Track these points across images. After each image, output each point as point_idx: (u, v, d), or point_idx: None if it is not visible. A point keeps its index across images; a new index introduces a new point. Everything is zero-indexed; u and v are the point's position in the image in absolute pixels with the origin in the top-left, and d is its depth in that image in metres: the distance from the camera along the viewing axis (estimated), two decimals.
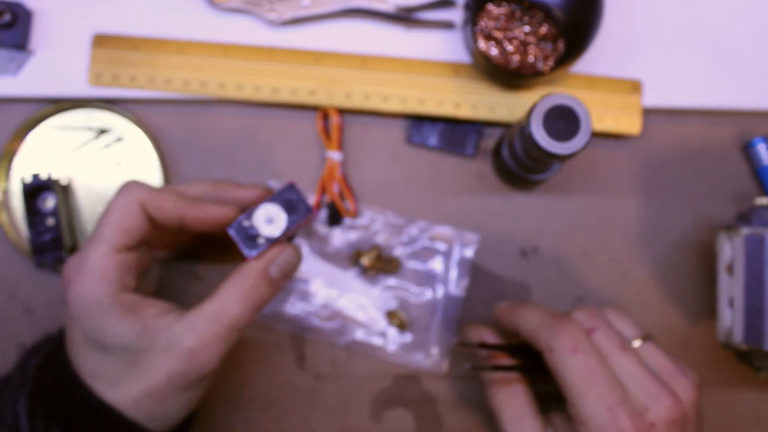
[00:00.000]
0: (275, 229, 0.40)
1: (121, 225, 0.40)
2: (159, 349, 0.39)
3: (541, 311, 0.45)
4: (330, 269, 0.54)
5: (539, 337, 0.43)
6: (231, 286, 0.40)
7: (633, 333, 0.44)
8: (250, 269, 0.40)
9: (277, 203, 0.41)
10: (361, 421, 0.53)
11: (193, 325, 0.39)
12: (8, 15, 0.52)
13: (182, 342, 0.39)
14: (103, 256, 0.40)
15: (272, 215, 0.40)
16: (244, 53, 0.53)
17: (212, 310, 0.39)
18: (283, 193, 0.41)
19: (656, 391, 0.40)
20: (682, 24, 0.54)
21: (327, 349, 0.53)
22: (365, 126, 0.55)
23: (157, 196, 0.41)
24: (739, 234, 0.47)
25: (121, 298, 0.39)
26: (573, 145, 0.44)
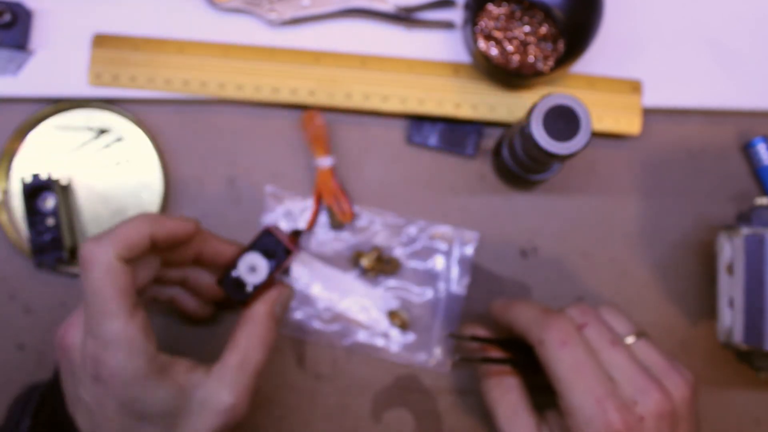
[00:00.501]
0: (258, 276, 0.43)
1: (123, 286, 0.39)
2: (196, 408, 0.40)
3: (533, 307, 0.45)
4: (330, 272, 0.54)
5: (530, 331, 0.43)
6: (247, 333, 0.42)
7: (626, 329, 0.44)
8: (260, 313, 0.43)
9: (256, 251, 0.43)
10: (361, 421, 0.53)
11: (225, 380, 0.40)
12: (8, 15, 0.52)
13: (219, 399, 0.40)
14: (125, 326, 0.38)
15: (254, 263, 0.43)
16: (244, 53, 0.53)
17: (237, 360, 0.41)
18: (262, 241, 0.44)
19: (645, 385, 0.40)
20: (682, 24, 0.54)
21: (327, 349, 0.53)
22: (365, 126, 0.55)
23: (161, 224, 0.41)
24: (739, 234, 0.47)
25: (154, 363, 0.39)
26: (573, 145, 0.44)
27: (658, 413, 0.40)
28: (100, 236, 0.39)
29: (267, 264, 0.43)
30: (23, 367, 0.53)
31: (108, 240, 0.39)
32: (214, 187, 0.54)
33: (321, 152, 0.52)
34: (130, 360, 0.38)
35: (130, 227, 0.40)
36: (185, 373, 0.40)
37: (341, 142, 0.54)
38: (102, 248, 0.38)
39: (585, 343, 0.41)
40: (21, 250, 0.53)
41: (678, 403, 0.41)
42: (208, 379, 0.40)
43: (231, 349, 0.41)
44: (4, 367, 0.53)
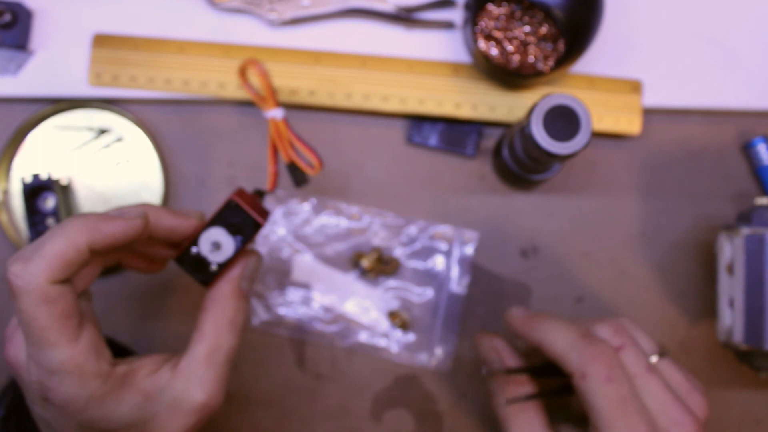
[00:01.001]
0: (223, 254, 0.39)
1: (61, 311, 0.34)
2: (166, 410, 0.37)
3: (568, 329, 0.41)
4: (330, 273, 0.54)
5: (569, 360, 0.40)
6: (214, 318, 0.38)
7: (651, 348, 0.43)
8: (225, 294, 0.39)
9: (220, 226, 0.39)
10: (361, 421, 0.53)
11: (194, 375, 0.37)
12: (8, 15, 0.52)
13: (190, 397, 0.37)
14: (69, 354, 0.35)
15: (218, 240, 0.39)
16: (244, 53, 0.53)
17: (205, 351, 0.38)
18: (226, 215, 0.39)
19: (680, 416, 0.40)
20: (682, 24, 0.54)
21: (327, 349, 0.53)
22: (365, 126, 0.55)
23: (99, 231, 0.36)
24: (739, 234, 0.47)
25: (110, 380, 0.36)
26: (573, 145, 0.44)
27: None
28: (27, 255, 0.34)
29: (233, 240, 0.38)
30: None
31: (38, 261, 0.34)
32: (214, 187, 0.54)
33: (270, 102, 0.44)
34: (81, 387, 0.35)
35: (63, 241, 0.34)
36: (149, 376, 0.37)
37: (341, 142, 0.54)
38: (31, 272, 0.33)
39: (627, 376, 0.40)
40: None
41: (702, 424, 0.41)
42: (176, 378, 0.37)
43: (197, 340, 0.38)
44: (4, 367, 0.53)
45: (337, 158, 0.54)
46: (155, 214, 0.38)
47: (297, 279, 0.53)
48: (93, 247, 0.35)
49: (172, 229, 0.39)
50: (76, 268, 0.35)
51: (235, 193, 0.39)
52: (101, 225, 0.35)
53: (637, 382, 0.40)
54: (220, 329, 0.38)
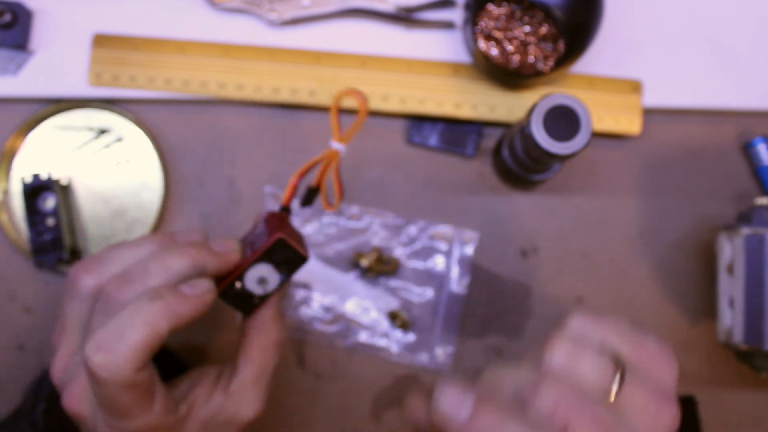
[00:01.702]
0: (268, 286, 0.39)
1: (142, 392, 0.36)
2: (218, 429, 0.39)
3: None
4: (331, 273, 0.54)
5: None
6: (259, 343, 0.40)
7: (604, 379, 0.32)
8: (268, 319, 0.40)
9: (267, 263, 0.38)
10: (362, 421, 0.53)
11: (244, 397, 0.40)
12: (8, 15, 0.52)
13: (241, 416, 0.40)
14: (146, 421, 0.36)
15: (264, 275, 0.39)
16: (244, 53, 0.53)
17: (254, 375, 0.40)
18: (273, 252, 0.38)
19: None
20: (682, 24, 0.54)
21: (327, 349, 0.53)
22: (365, 126, 0.55)
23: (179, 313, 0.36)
24: (739, 234, 0.47)
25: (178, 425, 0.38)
26: (573, 145, 0.44)
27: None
28: (109, 345, 0.34)
29: (278, 275, 0.39)
30: (23, 367, 0.53)
31: (123, 353, 0.34)
32: (214, 187, 0.54)
33: (347, 138, 0.44)
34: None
35: (146, 330, 0.34)
36: (205, 404, 0.39)
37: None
38: (117, 364, 0.34)
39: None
40: (21, 250, 0.53)
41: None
42: (228, 401, 0.39)
43: (245, 364, 0.40)
44: (4, 367, 0.53)
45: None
46: (201, 261, 0.38)
47: (297, 279, 0.53)
48: (172, 331, 0.35)
49: (217, 271, 0.39)
50: (157, 351, 0.35)
51: (276, 225, 0.39)
52: (179, 308, 0.36)
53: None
54: (266, 352, 0.40)
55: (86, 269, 0.38)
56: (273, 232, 0.38)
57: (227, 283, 0.39)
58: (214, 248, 0.39)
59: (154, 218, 0.53)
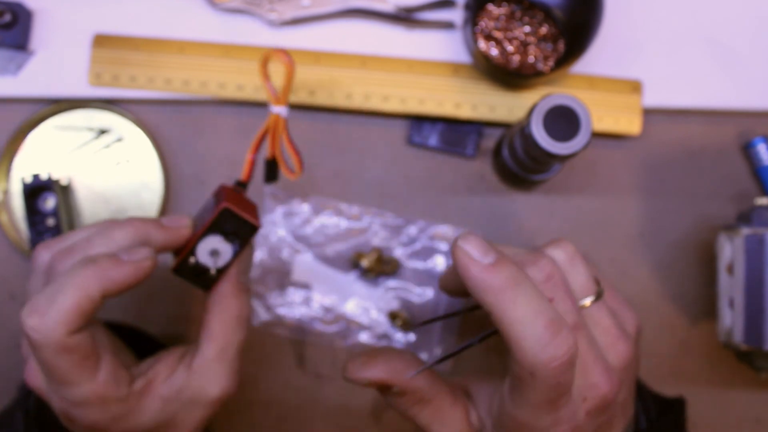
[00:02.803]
0: (222, 259, 0.39)
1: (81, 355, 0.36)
2: (184, 408, 0.39)
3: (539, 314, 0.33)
4: (330, 273, 0.54)
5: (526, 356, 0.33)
6: (220, 318, 0.39)
7: (585, 289, 0.37)
8: (227, 293, 0.39)
9: (216, 234, 0.38)
10: (361, 421, 0.53)
11: (208, 373, 0.39)
12: (8, 15, 0.52)
13: (206, 393, 0.39)
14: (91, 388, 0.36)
15: (215, 247, 0.39)
16: (244, 53, 0.53)
17: (216, 350, 0.39)
18: (221, 222, 0.38)
19: (597, 378, 0.35)
20: (682, 24, 0.54)
21: (327, 349, 0.53)
22: (365, 126, 0.55)
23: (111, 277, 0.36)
24: (739, 234, 0.47)
25: (131, 399, 0.38)
26: (573, 145, 0.44)
27: (604, 405, 0.36)
28: (42, 308, 0.35)
29: (231, 246, 0.39)
30: (23, 367, 0.53)
31: (54, 315, 0.34)
32: (214, 187, 0.54)
33: (283, 99, 0.43)
34: (103, 412, 0.37)
35: (77, 292, 0.35)
36: (165, 380, 0.39)
37: (341, 142, 0.54)
38: (48, 326, 0.34)
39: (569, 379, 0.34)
40: (21, 250, 0.53)
41: (619, 379, 0.37)
42: (191, 378, 0.39)
43: (207, 340, 0.39)
44: (3, 367, 0.53)
45: (337, 158, 0.54)
46: (147, 234, 0.38)
47: (297, 279, 0.53)
48: (105, 295, 0.36)
49: (164, 244, 0.39)
50: (91, 315, 0.36)
51: (224, 197, 0.39)
52: (112, 272, 0.36)
53: None
54: (227, 327, 0.39)
55: (45, 245, 0.39)
56: (219, 203, 0.38)
57: (181, 258, 0.39)
58: (163, 223, 0.39)
59: None
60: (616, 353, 0.37)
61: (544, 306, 0.33)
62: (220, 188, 0.40)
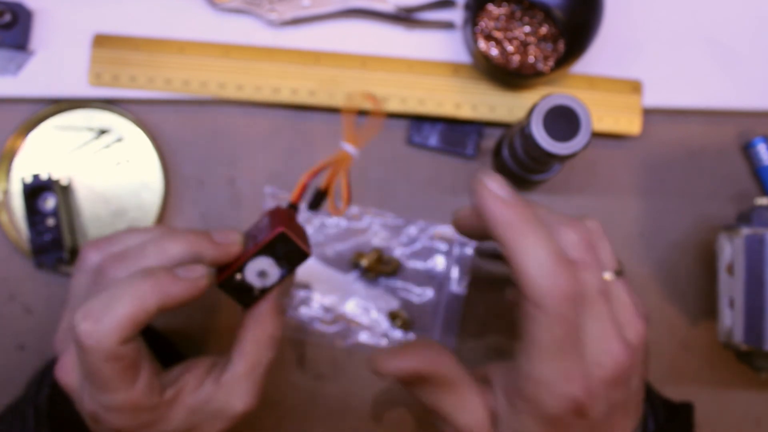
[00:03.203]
0: (268, 280, 0.39)
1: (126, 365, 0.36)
2: (208, 419, 0.39)
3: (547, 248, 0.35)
4: (331, 273, 0.54)
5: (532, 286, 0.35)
6: (255, 336, 0.40)
7: (610, 262, 0.38)
8: (266, 313, 0.40)
9: (268, 256, 0.38)
10: (362, 422, 0.53)
11: (236, 389, 0.39)
12: (8, 15, 0.52)
13: (231, 408, 0.39)
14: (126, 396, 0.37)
15: (264, 268, 0.39)
16: (244, 53, 0.53)
17: (247, 368, 0.40)
18: (275, 246, 0.38)
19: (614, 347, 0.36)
20: (682, 24, 0.54)
21: (327, 349, 0.53)
22: (365, 126, 0.55)
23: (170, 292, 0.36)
24: (739, 234, 0.47)
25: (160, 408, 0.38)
26: (573, 145, 0.44)
27: (617, 374, 0.37)
28: (97, 314, 0.35)
29: (279, 270, 0.39)
30: (23, 367, 0.53)
31: (109, 323, 0.35)
32: (214, 187, 0.54)
33: (358, 140, 0.44)
34: (133, 419, 0.37)
35: (135, 303, 0.35)
36: (193, 391, 0.39)
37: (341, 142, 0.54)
38: (102, 333, 0.35)
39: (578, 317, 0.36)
40: (21, 250, 0.53)
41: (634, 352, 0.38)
42: (219, 391, 0.39)
43: (239, 356, 0.40)
44: (4, 367, 0.53)
45: None
46: (199, 249, 0.39)
47: (297, 279, 0.53)
48: (161, 309, 0.36)
49: (215, 260, 0.39)
50: (144, 327, 0.36)
51: (280, 220, 0.39)
52: (171, 288, 0.36)
53: (585, 305, 0.36)
54: (260, 346, 0.40)
55: (94, 246, 0.40)
56: (276, 226, 0.38)
57: (228, 274, 0.39)
58: (215, 238, 0.39)
59: (154, 218, 0.53)
60: (633, 330, 0.38)
61: (552, 242, 0.35)
62: (276, 210, 0.41)
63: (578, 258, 0.37)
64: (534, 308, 0.35)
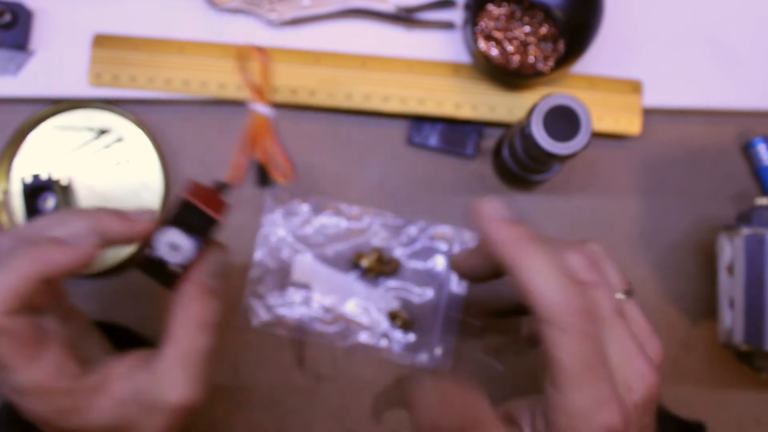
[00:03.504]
0: (183, 254, 0.37)
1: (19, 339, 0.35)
2: (144, 412, 0.37)
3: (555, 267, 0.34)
4: (331, 273, 0.54)
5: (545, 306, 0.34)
6: (180, 321, 0.38)
7: (619, 283, 0.38)
8: (189, 295, 0.38)
9: (175, 227, 0.37)
10: (362, 422, 0.53)
11: (168, 378, 0.37)
12: (8, 15, 0.52)
13: (165, 399, 0.37)
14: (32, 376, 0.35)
15: (175, 241, 0.37)
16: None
17: (176, 354, 0.37)
18: (180, 214, 0.37)
19: (643, 368, 0.35)
20: (682, 24, 0.54)
21: (327, 349, 0.53)
22: (365, 126, 0.55)
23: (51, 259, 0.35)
24: (739, 234, 0.47)
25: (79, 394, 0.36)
26: (573, 145, 0.44)
27: (650, 397, 0.36)
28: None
29: (192, 241, 0.37)
30: None
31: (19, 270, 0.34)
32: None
33: (263, 97, 0.42)
34: (46, 403, 0.35)
35: (12, 275, 0.34)
36: (121, 380, 0.37)
37: (341, 142, 0.54)
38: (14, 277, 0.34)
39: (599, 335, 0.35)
40: None
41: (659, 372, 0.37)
42: (151, 381, 0.37)
43: (167, 343, 0.37)
44: None
45: (337, 158, 0.54)
46: (104, 224, 0.37)
47: (297, 279, 0.53)
48: (45, 278, 0.35)
49: (125, 235, 0.38)
50: (29, 297, 0.35)
51: (189, 190, 0.38)
52: (52, 255, 0.35)
53: (604, 326, 0.35)
54: (188, 331, 0.37)
55: (8, 232, 0.39)
56: (180, 196, 0.38)
57: (139, 251, 0.38)
58: (127, 215, 0.38)
59: None
60: (653, 349, 0.37)
61: (559, 259, 0.34)
62: (187, 182, 0.39)
63: (587, 279, 0.36)
64: (551, 329, 0.33)
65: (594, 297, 0.35)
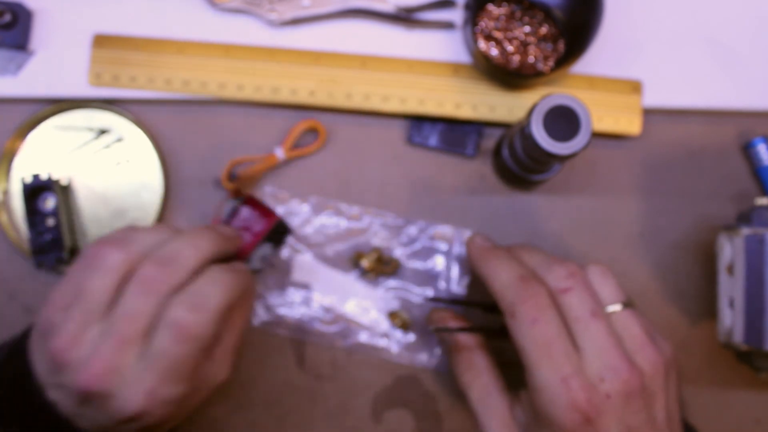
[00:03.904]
0: (267, 261, 0.47)
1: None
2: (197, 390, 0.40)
3: (511, 268, 0.42)
4: (330, 273, 0.54)
5: (503, 299, 0.41)
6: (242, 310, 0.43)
7: (613, 297, 0.42)
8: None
9: (268, 242, 0.46)
10: (362, 421, 0.53)
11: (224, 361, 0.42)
12: (8, 15, 0.52)
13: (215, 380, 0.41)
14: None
15: (266, 253, 0.46)
16: (244, 53, 0.53)
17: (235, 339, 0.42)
18: (273, 231, 0.46)
19: (615, 362, 0.39)
20: (682, 24, 0.54)
21: (327, 349, 0.53)
22: (366, 126, 0.55)
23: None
24: (739, 234, 0.47)
25: None
26: (573, 145, 0.44)
27: (626, 392, 0.39)
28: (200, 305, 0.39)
29: (275, 251, 0.46)
30: None
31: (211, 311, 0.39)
32: (214, 187, 0.54)
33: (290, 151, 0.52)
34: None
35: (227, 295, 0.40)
36: None
37: (341, 142, 0.54)
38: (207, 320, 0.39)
39: (558, 318, 0.40)
40: (21, 250, 0.53)
41: (649, 379, 0.40)
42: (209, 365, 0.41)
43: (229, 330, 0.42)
44: None
45: (337, 158, 0.54)
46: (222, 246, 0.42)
47: (297, 279, 0.53)
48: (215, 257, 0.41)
49: (229, 254, 0.44)
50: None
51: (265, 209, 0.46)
52: (244, 280, 0.42)
53: (576, 325, 0.40)
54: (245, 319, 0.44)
55: (113, 245, 0.39)
56: (268, 215, 0.46)
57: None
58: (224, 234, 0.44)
59: (154, 218, 0.53)
60: (643, 356, 0.40)
61: (518, 268, 0.42)
62: (249, 200, 0.46)
63: (563, 286, 0.41)
64: (510, 319, 0.41)
65: (566, 300, 0.41)
